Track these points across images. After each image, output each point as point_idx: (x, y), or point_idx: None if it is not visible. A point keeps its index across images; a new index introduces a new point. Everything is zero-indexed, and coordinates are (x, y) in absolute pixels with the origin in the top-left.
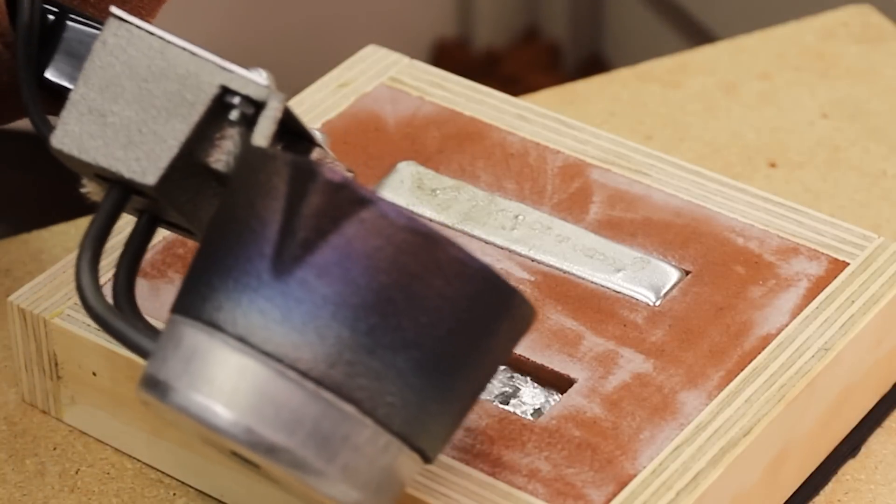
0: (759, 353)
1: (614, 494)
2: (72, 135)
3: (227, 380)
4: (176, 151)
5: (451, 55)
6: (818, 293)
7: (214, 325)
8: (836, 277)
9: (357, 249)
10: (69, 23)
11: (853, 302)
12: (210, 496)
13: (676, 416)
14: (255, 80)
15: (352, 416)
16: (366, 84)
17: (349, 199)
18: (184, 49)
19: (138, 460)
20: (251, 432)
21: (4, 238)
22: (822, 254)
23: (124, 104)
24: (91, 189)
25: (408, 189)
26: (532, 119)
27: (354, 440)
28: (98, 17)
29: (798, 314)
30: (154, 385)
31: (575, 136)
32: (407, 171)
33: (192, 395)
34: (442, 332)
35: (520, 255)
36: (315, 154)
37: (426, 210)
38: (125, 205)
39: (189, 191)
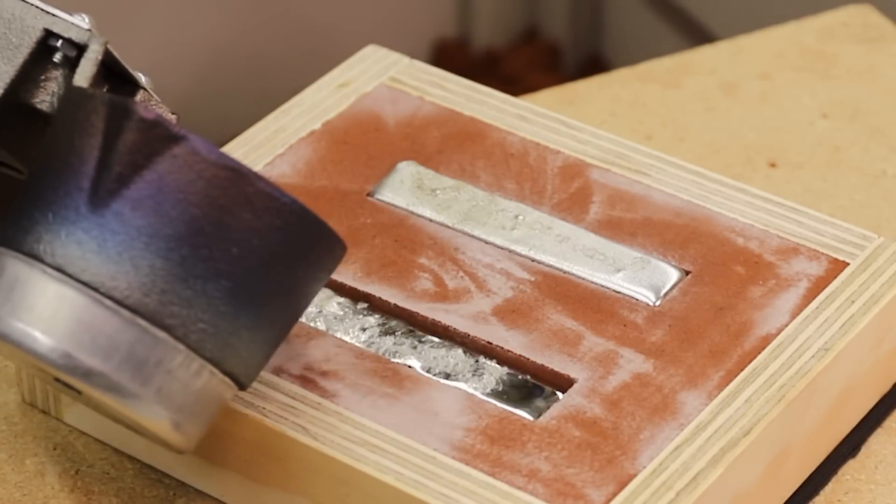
0: (759, 353)
1: (614, 494)
2: None
3: (45, 308)
4: (0, 92)
5: (451, 55)
6: (818, 293)
7: (34, 256)
8: (836, 277)
9: (169, 183)
10: None
11: (853, 302)
12: (210, 496)
13: (676, 416)
14: (77, 24)
15: (165, 342)
16: (366, 84)
17: (162, 136)
18: None
19: (138, 460)
20: (69, 357)
21: None
22: (822, 254)
23: None
24: None
25: (408, 189)
26: (532, 119)
27: (167, 365)
28: None
29: (798, 314)
30: None
31: (575, 136)
32: (407, 171)
33: (12, 322)
34: (252, 262)
35: (520, 255)
36: (139, 96)
37: (426, 210)
38: None
39: (16, 131)
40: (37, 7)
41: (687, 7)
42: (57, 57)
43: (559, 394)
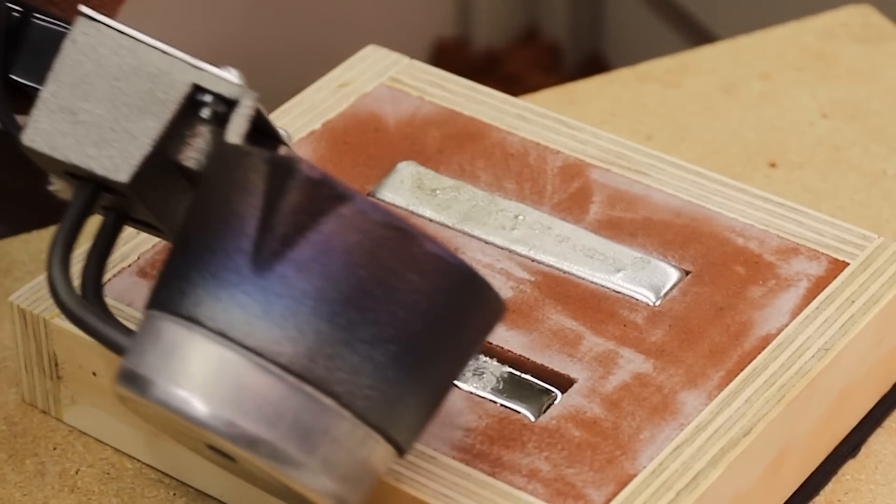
0: (759, 353)
1: (614, 494)
2: (43, 132)
3: (207, 373)
4: (149, 149)
5: (451, 55)
6: (818, 293)
7: (194, 320)
8: (836, 277)
9: (336, 245)
10: (34, 22)
11: (853, 302)
12: (210, 496)
13: (676, 416)
14: (228, 79)
15: (331, 409)
16: (366, 84)
17: (328, 195)
18: (154, 47)
19: (138, 460)
20: (232, 425)
21: (4, 238)
22: (822, 254)
23: (95, 102)
24: (59, 187)
25: (408, 189)
26: (532, 119)
27: (334, 433)
28: (62, 16)
29: (798, 314)
30: (133, 380)
31: (575, 136)
32: (407, 171)
33: (172, 388)
34: (418, 325)
35: (520, 255)
36: (282, 152)
37: (426, 210)
38: (96, 202)
39: (159, 188)
40: (184, 61)
41: (687, 7)
42: (205, 113)
43: (559, 394)
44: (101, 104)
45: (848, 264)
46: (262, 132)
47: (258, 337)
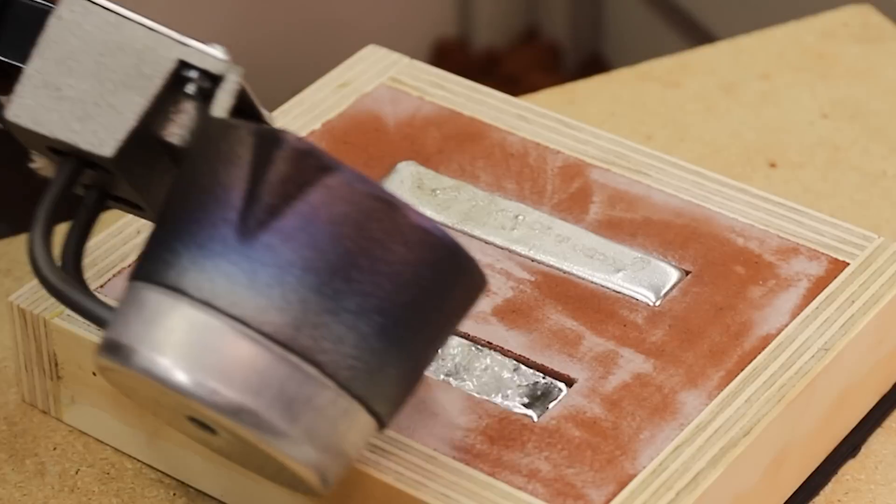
0: (759, 353)
1: (614, 494)
2: (27, 108)
3: (191, 342)
4: (133, 124)
5: (451, 55)
6: (818, 293)
7: (178, 290)
8: (836, 277)
9: (322, 215)
10: (17, 0)
11: (853, 302)
12: (210, 496)
13: (676, 416)
14: (213, 54)
15: (315, 379)
16: (366, 84)
17: (315, 166)
18: (140, 24)
19: (138, 460)
20: (217, 393)
21: (4, 238)
22: (822, 254)
23: (80, 78)
24: (41, 164)
25: (408, 189)
26: (532, 119)
27: (317, 402)
28: None
29: (798, 314)
30: (115, 349)
31: (575, 136)
32: (407, 171)
33: (156, 357)
34: (404, 297)
35: (520, 255)
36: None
37: (426, 210)
38: (79, 178)
39: (142, 164)
40: (170, 38)
41: (687, 7)
42: (190, 88)
43: (564, 387)
44: (86, 80)
45: (848, 264)
46: (246, 113)
47: (243, 306)
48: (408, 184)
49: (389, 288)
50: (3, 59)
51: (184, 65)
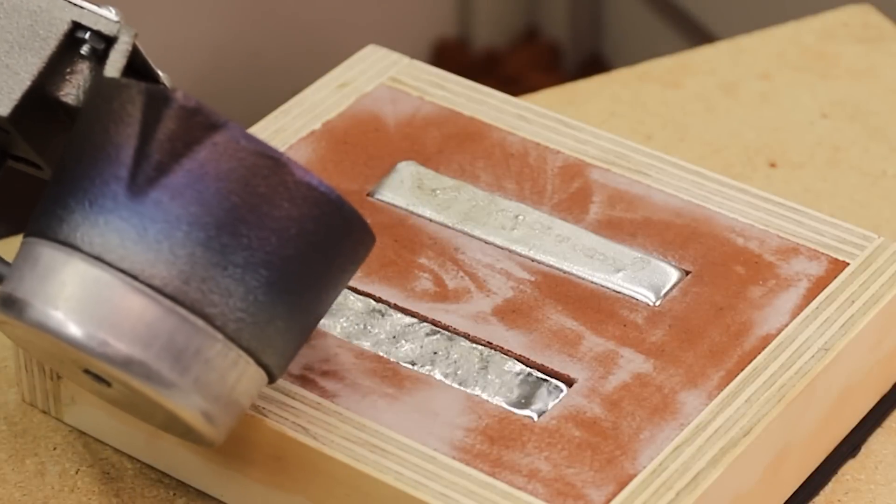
0: (759, 353)
1: (614, 494)
2: None
3: (83, 296)
4: (28, 84)
5: (451, 55)
6: (818, 293)
7: (71, 245)
8: (836, 277)
9: (210, 171)
10: None
11: (853, 302)
12: (210, 496)
13: (676, 416)
14: (106, 16)
15: (204, 331)
16: (366, 84)
17: (202, 124)
18: None
19: (138, 460)
20: (107, 345)
21: (4, 238)
22: (822, 254)
23: None
24: None
25: (408, 189)
26: (532, 119)
27: (206, 354)
28: None
29: (798, 314)
30: (10, 304)
31: (575, 136)
32: (407, 171)
33: (49, 310)
34: (289, 251)
35: (520, 255)
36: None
37: (426, 210)
38: None
39: (39, 124)
40: None
41: (687, 7)
42: (84, 49)
43: (565, 388)
44: None
45: (848, 264)
46: (141, 73)
47: (133, 260)
48: (408, 184)
49: (275, 242)
50: None
51: (78, 26)
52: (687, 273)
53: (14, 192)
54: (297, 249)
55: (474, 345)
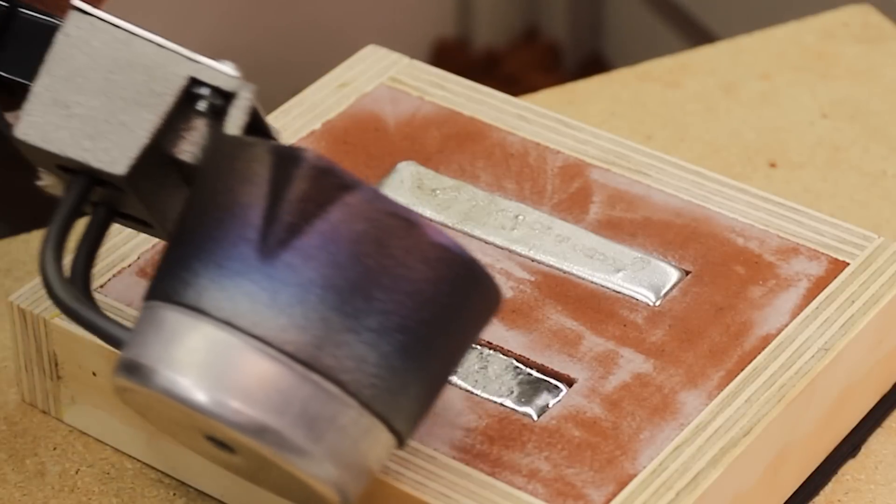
0: (759, 353)
1: (614, 494)
2: (36, 126)
3: (213, 361)
4: (145, 141)
5: (451, 55)
6: (818, 293)
7: (198, 310)
8: (836, 277)
9: (343, 233)
10: (19, 16)
11: (853, 302)
12: (210, 496)
13: (676, 416)
14: (225, 71)
15: (338, 397)
16: (366, 84)
17: (334, 185)
18: (149, 40)
19: (138, 460)
20: (240, 413)
21: (4, 238)
22: (822, 254)
23: (89, 95)
24: (49, 182)
25: (408, 189)
26: (532, 119)
27: (340, 421)
28: (46, 11)
29: (798, 314)
30: (134, 369)
31: (575, 136)
32: (407, 171)
33: (176, 376)
34: (423, 315)
35: (520, 255)
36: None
37: (426, 210)
38: (89, 196)
39: (152, 182)
40: (181, 54)
41: (687, 7)
42: (201, 105)
43: (565, 388)
44: (95, 97)
45: (848, 264)
46: (254, 128)
47: (265, 325)
48: (408, 184)
49: (410, 306)
50: (6, 75)
51: (195, 82)
52: (687, 273)
53: (14, 192)
54: (430, 312)
55: (474, 344)
